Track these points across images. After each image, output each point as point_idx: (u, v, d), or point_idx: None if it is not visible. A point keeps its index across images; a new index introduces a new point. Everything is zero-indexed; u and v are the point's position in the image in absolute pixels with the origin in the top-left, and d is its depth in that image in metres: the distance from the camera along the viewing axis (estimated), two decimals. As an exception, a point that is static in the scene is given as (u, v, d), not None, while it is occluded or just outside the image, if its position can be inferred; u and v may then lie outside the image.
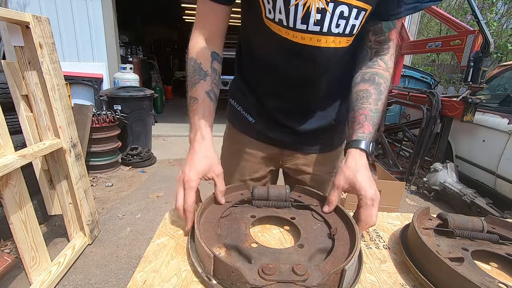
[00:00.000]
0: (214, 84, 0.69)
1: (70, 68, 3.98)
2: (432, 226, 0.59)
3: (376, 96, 0.67)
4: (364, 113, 0.65)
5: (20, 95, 1.50)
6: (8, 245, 1.76)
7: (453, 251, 0.51)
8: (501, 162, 2.52)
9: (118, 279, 1.63)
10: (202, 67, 0.67)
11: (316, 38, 0.62)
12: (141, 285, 0.44)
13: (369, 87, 0.67)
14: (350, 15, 0.60)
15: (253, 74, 0.78)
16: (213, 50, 0.69)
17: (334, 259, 0.47)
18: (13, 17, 1.31)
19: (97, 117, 2.86)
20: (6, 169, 1.21)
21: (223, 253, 0.47)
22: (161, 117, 5.74)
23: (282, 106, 0.77)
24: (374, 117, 0.65)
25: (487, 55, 2.55)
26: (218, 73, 0.70)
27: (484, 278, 0.44)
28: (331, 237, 0.52)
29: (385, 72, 0.69)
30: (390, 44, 0.69)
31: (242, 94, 0.82)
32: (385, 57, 0.70)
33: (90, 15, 4.03)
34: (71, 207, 1.75)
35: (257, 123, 0.81)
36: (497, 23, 7.32)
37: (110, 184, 2.81)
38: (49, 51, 1.50)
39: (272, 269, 0.42)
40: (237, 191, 0.68)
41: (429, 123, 2.90)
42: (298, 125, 0.78)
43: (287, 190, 0.63)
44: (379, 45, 0.69)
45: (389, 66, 0.70)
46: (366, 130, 0.64)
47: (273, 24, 0.63)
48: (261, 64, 0.74)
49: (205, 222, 0.55)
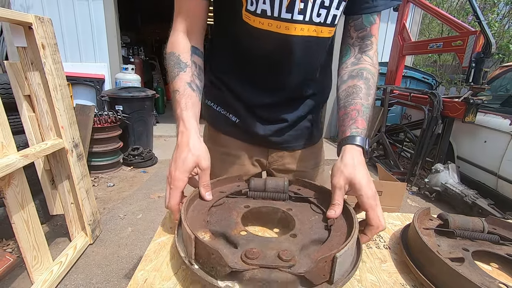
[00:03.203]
0: (195, 76, 0.66)
1: (72, 69, 4.00)
2: (432, 226, 0.58)
3: (366, 91, 0.65)
4: (356, 108, 0.63)
5: (22, 95, 1.51)
6: (10, 244, 1.77)
7: (453, 251, 0.50)
8: (503, 163, 2.51)
9: (119, 279, 1.63)
10: (182, 59, 0.65)
11: (300, 27, 0.62)
12: (142, 283, 0.44)
13: (357, 82, 0.66)
14: (331, 5, 0.61)
15: (230, 70, 0.75)
16: (193, 44, 0.69)
17: (327, 248, 0.44)
18: (16, 18, 1.32)
19: (99, 118, 2.87)
20: (9, 169, 1.22)
21: (207, 237, 0.44)
22: (162, 118, 5.75)
23: (266, 100, 0.75)
24: (366, 112, 0.63)
25: (489, 56, 2.55)
26: (198, 66, 0.68)
27: (484, 279, 0.43)
28: (328, 228, 0.50)
29: (372, 68, 0.68)
30: (372, 39, 0.68)
31: (219, 93, 0.78)
32: (370, 53, 0.69)
33: (92, 16, 4.05)
34: (72, 207, 1.76)
35: (242, 122, 0.78)
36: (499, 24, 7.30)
37: (112, 184, 2.82)
38: (51, 51, 1.50)
39: (256, 253, 0.39)
40: (232, 182, 0.66)
41: (430, 124, 2.90)
42: (283, 115, 0.76)
43: (285, 182, 0.60)
44: (362, 41, 0.69)
45: (375, 61, 0.69)
46: (360, 125, 0.61)
47: (253, 17, 0.62)
48: (240, 59, 0.72)
49: (194, 209, 0.53)
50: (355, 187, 0.53)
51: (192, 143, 0.57)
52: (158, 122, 5.33)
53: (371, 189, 0.53)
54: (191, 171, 0.56)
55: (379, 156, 3.82)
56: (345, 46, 0.72)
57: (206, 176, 0.58)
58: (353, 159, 0.55)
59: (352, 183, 0.53)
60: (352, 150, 0.57)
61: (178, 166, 0.55)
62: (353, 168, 0.54)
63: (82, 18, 4.04)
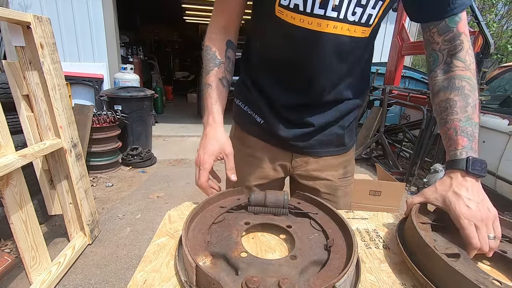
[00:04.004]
0: (227, 72, 0.73)
1: (71, 68, 3.99)
2: (429, 221, 0.58)
3: (462, 103, 0.58)
4: (452, 127, 0.58)
5: (21, 95, 1.50)
6: (9, 244, 1.77)
7: (449, 247, 0.51)
8: (501, 163, 2.52)
9: (118, 279, 1.63)
10: (217, 55, 0.72)
11: (333, 24, 0.60)
12: (141, 284, 0.44)
13: (450, 95, 0.60)
14: (367, 3, 0.59)
15: (260, 71, 0.76)
16: (228, 38, 0.73)
17: (326, 273, 0.44)
18: (14, 17, 1.31)
19: (98, 117, 2.86)
20: (7, 169, 1.22)
21: (208, 262, 0.45)
22: (161, 118, 5.74)
23: (293, 101, 0.73)
24: (467, 126, 0.57)
25: (487, 56, 2.56)
26: (232, 61, 0.75)
27: (478, 275, 0.44)
28: (327, 248, 0.50)
29: (465, 71, 0.60)
30: (462, 38, 0.60)
31: (248, 93, 0.79)
32: (461, 54, 0.61)
33: (90, 15, 4.04)
34: (71, 207, 1.75)
35: (266, 123, 0.77)
36: (497, 24, 7.33)
37: (110, 184, 2.82)
38: (50, 51, 1.50)
39: (256, 282, 0.40)
40: (233, 196, 0.66)
41: (429, 124, 2.90)
42: (310, 119, 0.74)
43: (285, 196, 0.60)
44: (450, 43, 0.61)
45: (468, 62, 0.61)
46: (459, 146, 0.57)
47: (286, 12, 0.61)
48: (270, 58, 0.72)
49: (195, 228, 0.53)
50: (445, 202, 0.54)
51: (218, 134, 0.68)
52: (157, 122, 5.32)
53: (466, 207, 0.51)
54: (217, 155, 0.66)
55: (378, 156, 3.82)
56: (431, 53, 0.65)
57: (230, 161, 0.68)
58: (451, 181, 0.56)
59: (442, 198, 0.55)
60: (453, 175, 0.56)
61: (206, 151, 0.66)
62: (449, 187, 0.55)
63: (80, 17, 4.03)
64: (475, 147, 0.57)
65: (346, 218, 0.55)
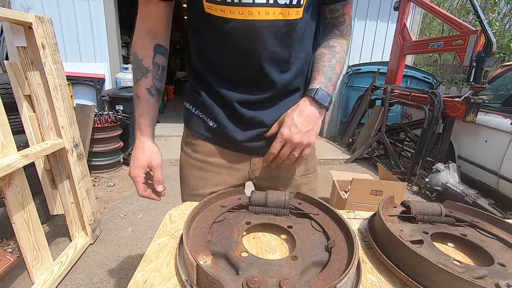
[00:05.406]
0: (156, 79, 0.71)
1: (72, 69, 3.99)
2: (396, 213, 0.63)
3: (329, 56, 0.70)
4: (317, 69, 0.69)
5: (22, 95, 1.51)
6: (11, 244, 1.77)
7: (414, 234, 0.55)
8: (504, 163, 2.51)
9: (119, 279, 1.63)
10: (143, 63, 0.69)
11: (265, 10, 0.59)
12: (142, 284, 0.44)
13: (323, 50, 0.71)
14: None
15: (205, 71, 0.72)
16: (157, 42, 0.69)
17: (327, 274, 0.44)
18: (16, 17, 1.32)
19: (99, 117, 2.87)
20: (9, 169, 1.22)
21: (209, 261, 0.45)
22: (162, 117, 5.75)
23: (245, 97, 0.70)
24: (328, 71, 0.67)
25: (490, 55, 2.54)
26: (161, 66, 0.72)
27: (441, 257, 0.48)
28: (328, 249, 0.50)
29: (340, 38, 0.73)
30: (345, 17, 0.72)
31: (198, 95, 0.74)
32: (341, 27, 0.73)
33: (92, 15, 4.05)
34: (73, 206, 1.76)
35: (219, 126, 0.73)
36: (500, 23, 7.29)
37: (112, 184, 2.82)
38: (51, 51, 1.50)
39: (257, 282, 0.40)
40: (234, 195, 0.66)
41: (431, 123, 2.89)
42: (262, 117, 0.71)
43: (286, 197, 0.60)
44: (335, 19, 0.73)
45: (345, 32, 0.74)
46: (316, 81, 0.66)
47: (215, 6, 0.60)
48: (212, 57, 0.69)
49: (196, 227, 0.53)
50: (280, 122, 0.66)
51: (145, 147, 0.70)
52: (159, 122, 5.33)
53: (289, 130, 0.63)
54: (145, 168, 0.69)
55: (379, 156, 3.81)
56: (322, 27, 0.76)
57: (157, 173, 0.70)
58: (297, 106, 0.65)
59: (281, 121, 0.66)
60: (301, 101, 0.66)
61: (134, 165, 0.69)
62: (291, 110, 0.65)
63: (82, 17, 4.03)
64: (330, 87, 0.67)
65: (347, 219, 0.55)
